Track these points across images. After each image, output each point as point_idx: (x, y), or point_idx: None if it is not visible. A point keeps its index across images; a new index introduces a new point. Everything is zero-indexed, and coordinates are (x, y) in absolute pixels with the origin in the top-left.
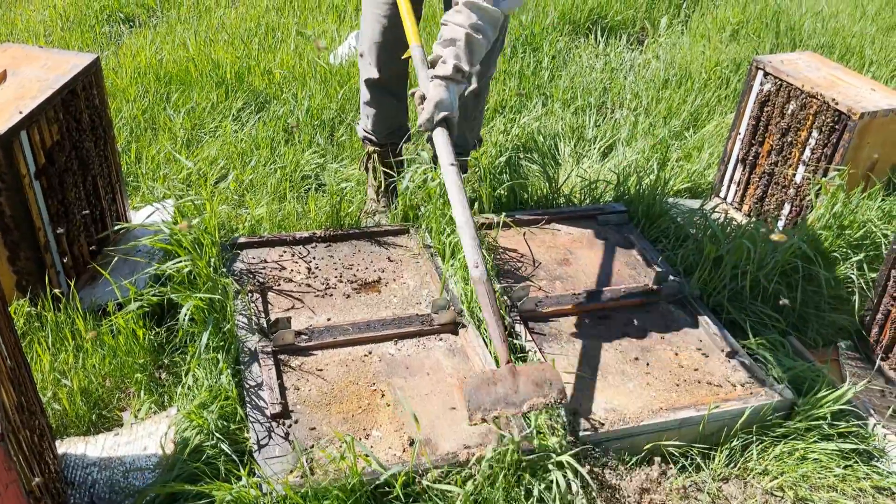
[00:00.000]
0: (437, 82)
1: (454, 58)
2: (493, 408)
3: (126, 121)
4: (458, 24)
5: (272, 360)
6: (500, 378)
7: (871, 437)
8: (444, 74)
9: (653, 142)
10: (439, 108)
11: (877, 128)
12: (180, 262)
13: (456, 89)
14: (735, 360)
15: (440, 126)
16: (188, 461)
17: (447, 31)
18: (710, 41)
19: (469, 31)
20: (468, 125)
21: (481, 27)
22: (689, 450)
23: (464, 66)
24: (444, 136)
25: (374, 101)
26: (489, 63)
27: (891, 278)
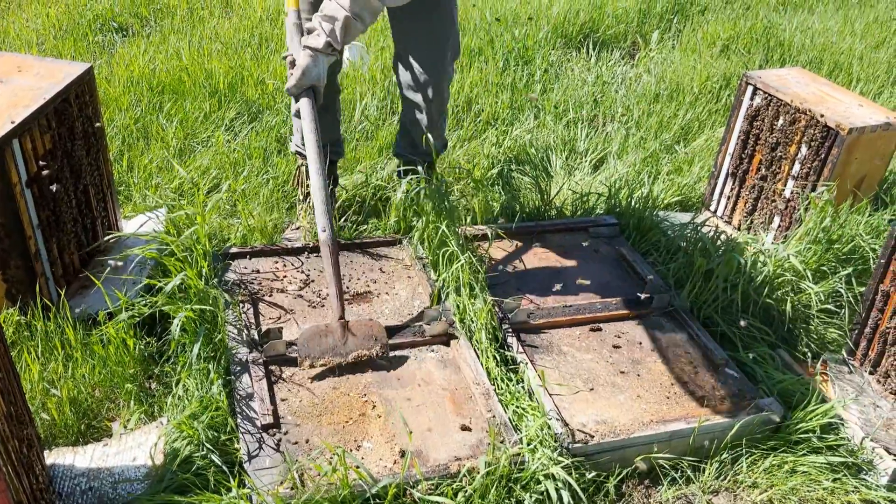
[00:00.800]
0: (307, 52)
1: (328, 34)
2: (322, 356)
3: (119, 129)
4: (342, 6)
5: (263, 370)
6: (331, 331)
7: (860, 450)
8: (315, 46)
9: (644, 155)
10: (306, 76)
11: (865, 143)
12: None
13: (326, 61)
14: (725, 372)
15: (306, 94)
16: (178, 472)
17: (329, 7)
18: (700, 56)
19: (349, 14)
20: (435, 132)
21: (362, 15)
22: (680, 462)
23: (336, 45)
24: (309, 105)
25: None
26: (444, 70)
27: (878, 292)
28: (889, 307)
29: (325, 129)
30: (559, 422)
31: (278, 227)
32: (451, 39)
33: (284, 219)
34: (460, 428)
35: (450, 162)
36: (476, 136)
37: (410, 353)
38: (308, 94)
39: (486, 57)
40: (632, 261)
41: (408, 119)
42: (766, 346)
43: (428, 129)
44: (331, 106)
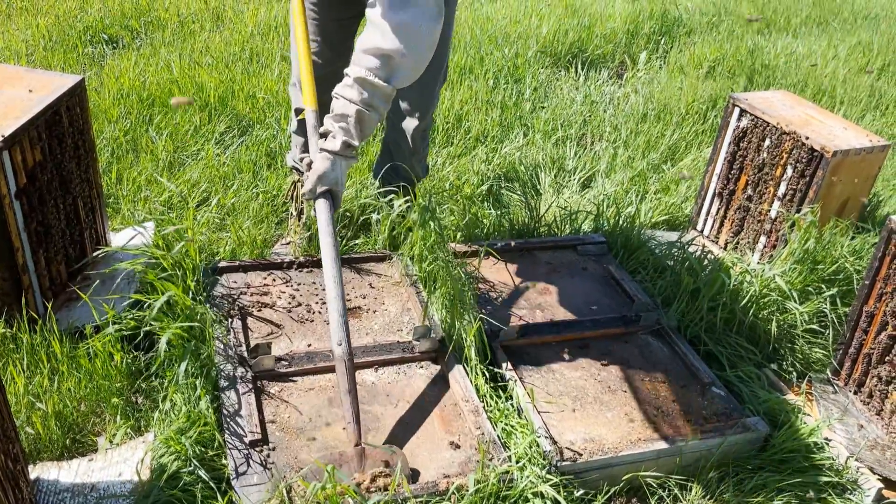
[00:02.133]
0: (324, 155)
1: (343, 133)
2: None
3: (108, 142)
4: (350, 100)
5: (251, 386)
6: (346, 460)
7: (845, 470)
8: (332, 149)
9: (631, 174)
10: (322, 181)
11: (849, 166)
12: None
13: (344, 164)
14: (712, 391)
15: (323, 198)
16: (164, 488)
17: (338, 105)
18: (687, 77)
19: (360, 107)
20: (416, 157)
21: (372, 103)
22: (667, 481)
23: (353, 142)
24: (326, 210)
25: (301, 131)
26: (432, 98)
27: (863, 313)
28: (873, 328)
29: None
30: (548, 439)
31: (268, 241)
32: (443, 69)
33: (274, 233)
34: (449, 445)
35: (440, 178)
36: (466, 153)
37: (399, 369)
38: (326, 197)
39: (476, 75)
40: (620, 279)
41: (391, 142)
42: (752, 365)
43: (410, 154)
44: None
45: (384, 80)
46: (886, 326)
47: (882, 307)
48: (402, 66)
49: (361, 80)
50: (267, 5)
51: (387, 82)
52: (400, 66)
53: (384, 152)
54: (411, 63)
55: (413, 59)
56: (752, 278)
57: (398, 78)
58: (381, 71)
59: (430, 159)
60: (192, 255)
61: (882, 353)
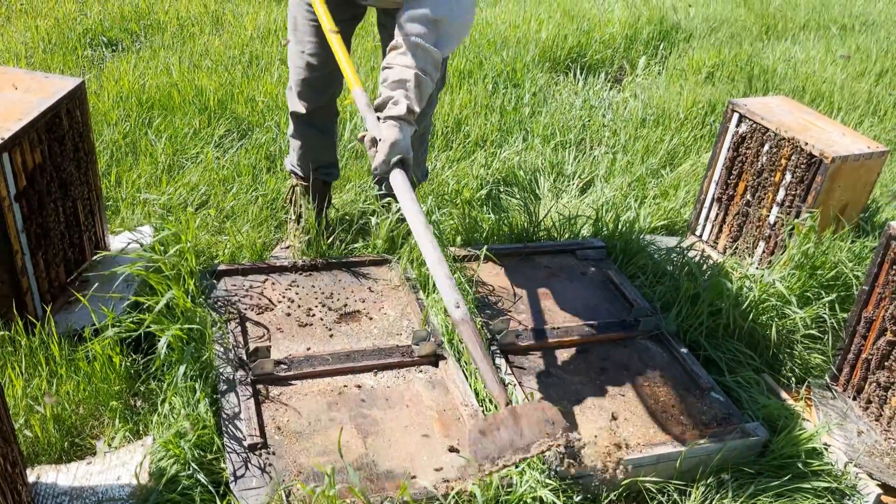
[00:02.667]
0: (390, 123)
1: (405, 98)
2: (502, 455)
3: (107, 144)
4: (407, 66)
5: (250, 389)
6: (502, 422)
7: (844, 475)
8: (398, 115)
9: (630, 179)
10: (395, 149)
11: (847, 171)
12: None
13: (409, 131)
14: (711, 396)
15: (397, 167)
16: (163, 492)
17: (394, 73)
18: (686, 82)
19: (418, 72)
20: (415, 161)
21: (427, 69)
22: (666, 486)
23: (415, 108)
24: (403, 178)
25: (298, 134)
26: (431, 101)
27: (862, 319)
28: (872, 333)
29: (322, 153)
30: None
31: (268, 244)
32: (442, 72)
33: (273, 237)
34: (448, 449)
35: (439, 182)
36: (465, 158)
37: (399, 373)
38: (399, 167)
39: (475, 79)
40: (619, 284)
41: None
42: (751, 370)
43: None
44: (330, 129)
45: (435, 45)
46: (885, 332)
47: (881, 313)
48: (449, 31)
49: (416, 45)
50: (266, 9)
51: (436, 47)
52: (447, 32)
53: None
54: (457, 28)
55: (459, 23)
56: (751, 283)
57: (447, 43)
58: (430, 36)
59: (429, 163)
60: (188, 259)
61: (881, 359)
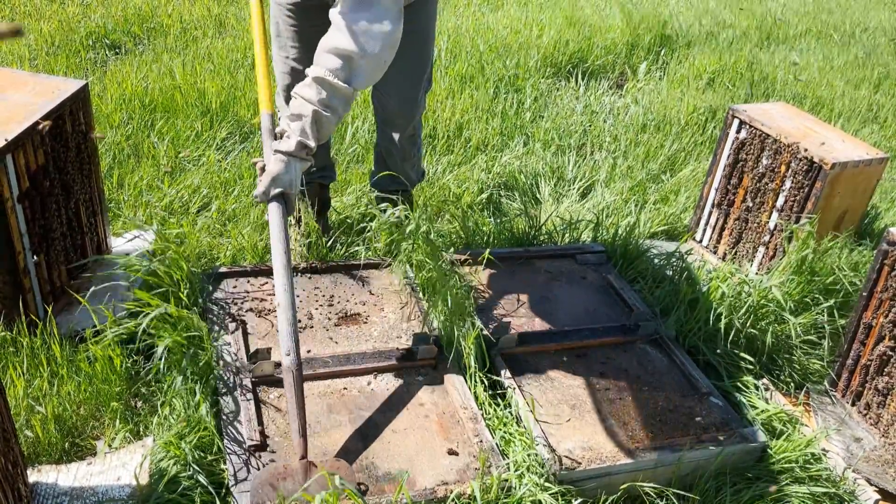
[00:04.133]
0: (278, 157)
1: (299, 133)
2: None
3: (110, 147)
4: (307, 100)
5: (251, 391)
6: (291, 473)
7: (842, 481)
8: (286, 150)
9: (631, 184)
10: (275, 183)
11: (847, 178)
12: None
13: (299, 166)
14: (709, 401)
15: (276, 201)
16: (163, 493)
17: (295, 104)
18: (687, 88)
19: (317, 107)
20: (409, 163)
21: (332, 104)
22: (665, 491)
23: (309, 143)
24: (278, 213)
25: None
26: (416, 104)
27: (860, 325)
28: (870, 339)
29: (316, 157)
30: (546, 448)
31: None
32: (427, 74)
33: None
34: (447, 452)
35: (440, 186)
36: (466, 162)
37: (399, 376)
38: (278, 201)
39: (476, 84)
40: (619, 288)
41: (383, 149)
42: (750, 375)
43: (402, 160)
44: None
45: (344, 81)
46: (884, 338)
47: (880, 319)
48: (362, 67)
49: (321, 80)
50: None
51: (347, 83)
52: (360, 67)
53: (377, 160)
54: (371, 64)
55: (373, 60)
56: (750, 289)
57: (358, 79)
58: (342, 72)
59: (430, 167)
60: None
61: (880, 365)
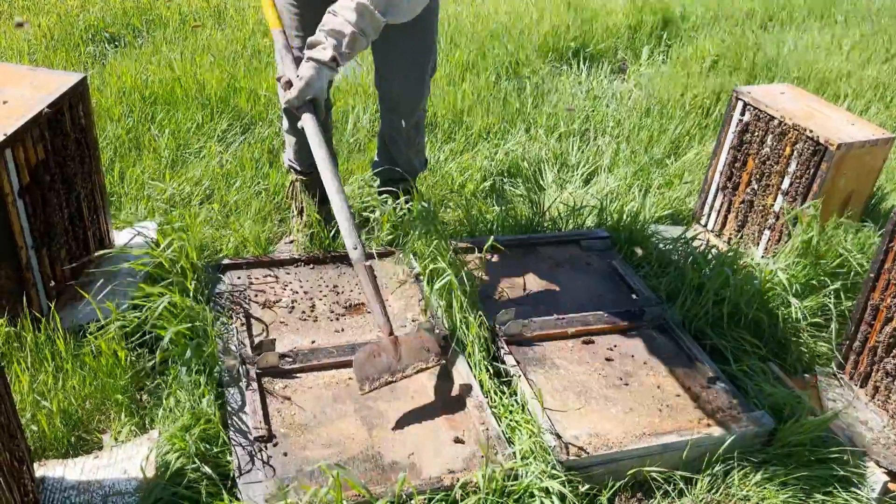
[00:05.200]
0: (311, 64)
1: (334, 48)
2: (380, 377)
3: (110, 140)
4: (348, 21)
5: (256, 382)
6: (383, 349)
7: (851, 463)
8: (321, 59)
9: (634, 169)
10: (310, 87)
11: (853, 159)
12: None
13: (328, 75)
14: (716, 386)
15: (307, 110)
16: (168, 485)
17: (335, 22)
18: (690, 71)
19: (356, 31)
20: (413, 151)
21: (367, 31)
22: (673, 475)
23: (341, 60)
24: (313, 122)
25: (293, 130)
26: (423, 89)
27: (868, 307)
28: (878, 321)
29: None
30: (553, 435)
31: (272, 239)
32: (431, 58)
33: (277, 231)
34: (453, 441)
35: (442, 175)
36: (468, 149)
37: None
38: (309, 109)
39: (478, 70)
40: (624, 274)
41: (387, 136)
42: (756, 359)
43: (406, 147)
44: (325, 122)
45: (381, 13)
46: (892, 319)
47: (887, 300)
48: (400, 4)
49: (362, 8)
50: None
51: (383, 15)
52: (397, 4)
53: (381, 147)
54: (407, 4)
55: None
56: (756, 273)
57: (394, 13)
58: (381, 4)
59: (432, 155)
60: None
61: (888, 347)
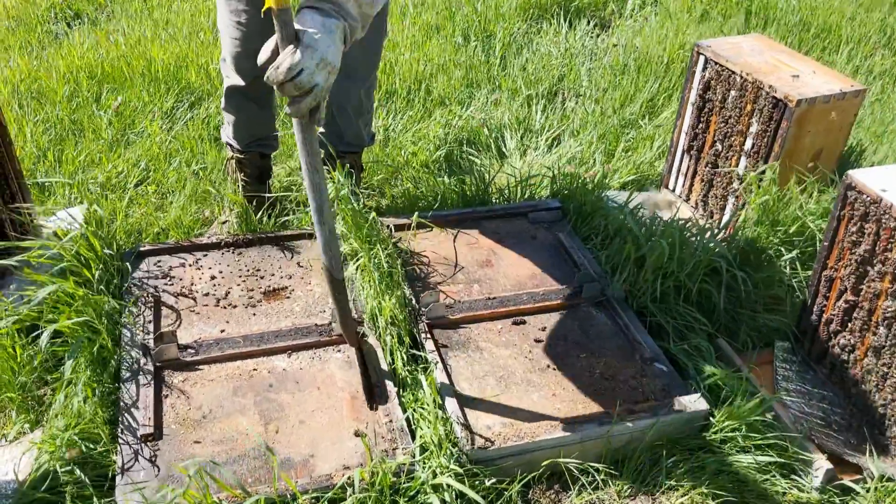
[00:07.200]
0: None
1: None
2: None
3: (52, 123)
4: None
5: (153, 376)
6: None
7: (791, 449)
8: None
9: (602, 131)
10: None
11: (817, 115)
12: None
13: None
14: (654, 367)
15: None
16: (28, 491)
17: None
18: (677, 22)
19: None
20: (363, 120)
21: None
22: (589, 467)
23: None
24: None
25: (232, 108)
26: (377, 54)
27: (822, 279)
28: (833, 293)
29: (260, 125)
30: (461, 425)
31: (206, 221)
32: (385, 22)
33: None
34: (354, 434)
35: (393, 146)
36: (427, 117)
37: (315, 354)
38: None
39: (444, 34)
40: (569, 247)
41: (336, 106)
42: (703, 337)
43: (357, 115)
44: (267, 100)
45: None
46: (846, 291)
47: (841, 270)
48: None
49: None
50: None
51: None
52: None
53: (328, 117)
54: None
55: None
56: (698, 243)
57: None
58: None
59: (386, 124)
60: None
61: (842, 321)
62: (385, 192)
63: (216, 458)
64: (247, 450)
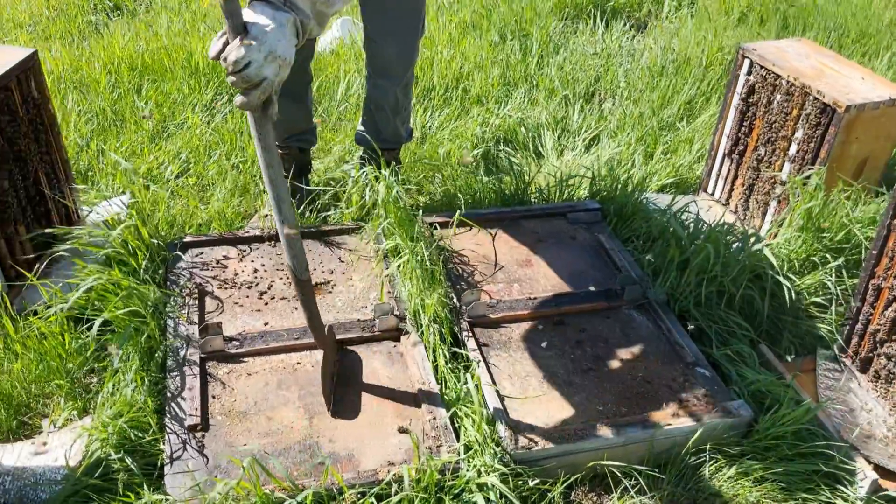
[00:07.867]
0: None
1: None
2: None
3: (95, 113)
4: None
5: (198, 367)
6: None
7: (838, 458)
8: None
9: (640, 133)
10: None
11: (866, 122)
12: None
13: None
14: (695, 371)
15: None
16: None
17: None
18: (715, 25)
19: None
20: (400, 118)
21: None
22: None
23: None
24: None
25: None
26: (414, 51)
27: (869, 287)
28: (880, 302)
29: (296, 121)
30: (504, 425)
31: (248, 214)
32: (422, 18)
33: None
34: (398, 430)
35: (431, 143)
36: (463, 115)
37: (358, 349)
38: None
39: (480, 31)
40: (609, 249)
41: (374, 104)
42: (746, 343)
43: (394, 113)
44: (303, 95)
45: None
46: (894, 301)
47: (889, 280)
48: None
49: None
50: None
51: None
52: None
53: (366, 115)
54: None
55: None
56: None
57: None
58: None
59: (425, 122)
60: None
61: (889, 331)
62: (423, 188)
63: (263, 450)
64: (292, 443)
